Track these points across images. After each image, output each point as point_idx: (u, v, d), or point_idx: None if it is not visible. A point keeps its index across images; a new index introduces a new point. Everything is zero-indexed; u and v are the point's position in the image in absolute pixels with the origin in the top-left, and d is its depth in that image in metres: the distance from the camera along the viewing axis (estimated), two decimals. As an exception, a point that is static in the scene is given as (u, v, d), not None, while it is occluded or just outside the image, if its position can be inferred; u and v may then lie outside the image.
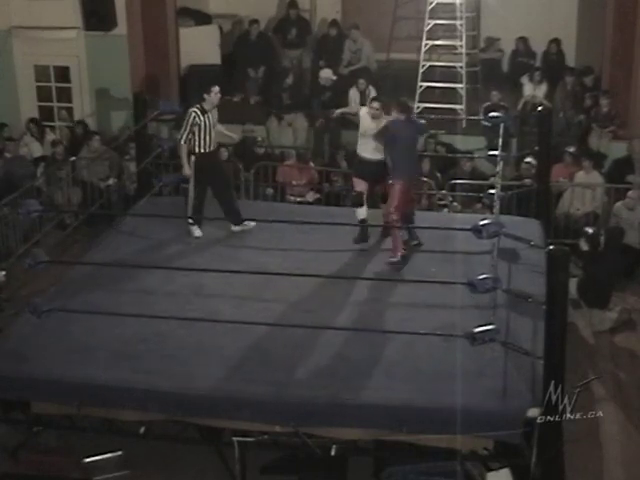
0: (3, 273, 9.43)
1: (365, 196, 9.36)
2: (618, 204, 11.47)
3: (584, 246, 10.32)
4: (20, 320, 7.91)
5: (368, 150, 9.26)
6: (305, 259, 9.10)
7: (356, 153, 9.51)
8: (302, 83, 14.90)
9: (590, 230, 10.37)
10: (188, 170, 9.63)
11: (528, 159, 11.69)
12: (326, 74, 14.17)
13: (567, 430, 6.75)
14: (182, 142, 9.59)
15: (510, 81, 14.81)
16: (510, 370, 7.01)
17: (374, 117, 9.19)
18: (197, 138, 9.55)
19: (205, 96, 9.58)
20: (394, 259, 8.99)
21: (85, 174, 12.89)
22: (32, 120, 14.04)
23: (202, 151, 9.60)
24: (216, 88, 9.63)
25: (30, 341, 7.64)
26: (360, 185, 9.40)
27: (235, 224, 9.79)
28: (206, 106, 9.56)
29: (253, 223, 9.74)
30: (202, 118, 9.51)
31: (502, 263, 8.10)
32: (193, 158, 9.61)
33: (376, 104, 9.31)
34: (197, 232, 9.72)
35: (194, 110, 9.54)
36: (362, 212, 9.38)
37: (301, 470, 7.52)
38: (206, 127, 9.54)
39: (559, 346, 6.54)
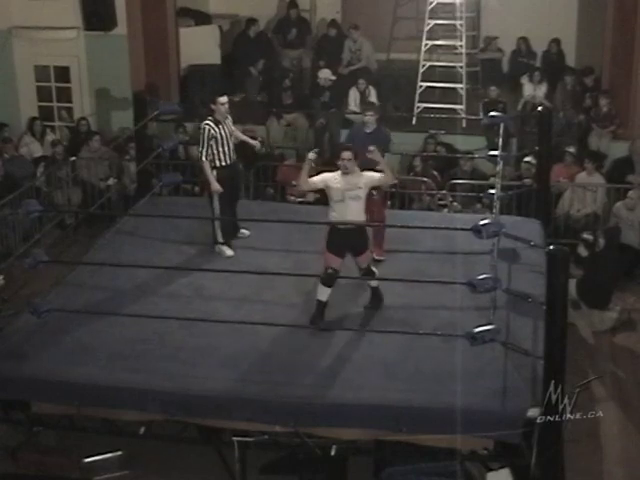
0: (1, 277, 9.44)
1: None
2: (618, 204, 11.47)
3: (583, 252, 10.35)
4: (20, 320, 7.91)
5: (346, 215, 7.69)
6: (305, 259, 9.09)
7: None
8: (302, 83, 14.91)
9: (589, 237, 10.40)
10: (217, 187, 9.15)
11: (528, 158, 11.70)
12: (325, 74, 14.16)
13: (567, 430, 6.75)
14: (204, 159, 9.12)
15: (510, 81, 14.83)
16: (510, 370, 7.01)
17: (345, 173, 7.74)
18: (216, 151, 9.15)
19: (212, 107, 9.16)
20: (382, 257, 8.96)
21: (85, 174, 12.90)
22: (36, 118, 14.05)
23: (222, 164, 9.21)
24: (223, 98, 9.15)
25: (30, 341, 7.63)
26: (334, 261, 7.79)
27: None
28: (218, 117, 9.16)
29: (248, 232, 9.59)
30: (217, 130, 9.10)
31: (502, 263, 8.09)
32: (214, 172, 9.17)
33: (347, 154, 7.70)
34: (228, 252, 9.28)
35: (207, 123, 9.09)
36: (325, 293, 7.82)
37: (301, 470, 7.52)
38: (222, 138, 9.14)
39: (559, 346, 6.53)
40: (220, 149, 9.18)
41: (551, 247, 6.60)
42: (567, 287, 6.62)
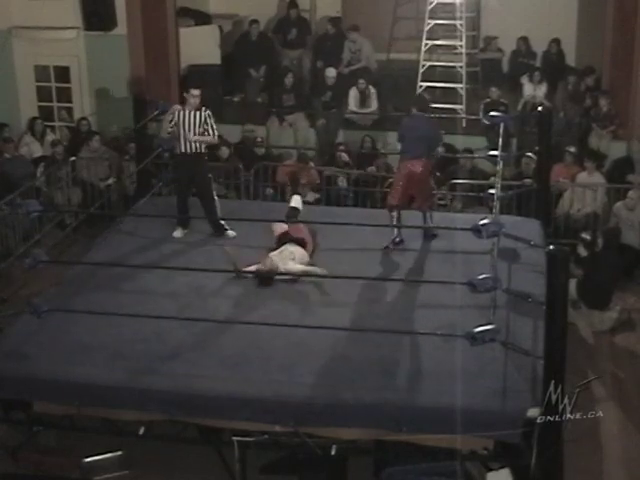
0: None
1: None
2: (618, 204, 11.47)
3: (582, 252, 10.34)
4: (20, 320, 7.90)
5: None
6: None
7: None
8: (302, 83, 14.91)
9: (587, 236, 10.39)
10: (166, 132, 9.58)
11: (528, 154, 11.71)
12: (331, 72, 14.16)
13: (567, 430, 6.75)
14: (168, 130, 9.52)
15: (510, 81, 14.82)
16: (510, 370, 7.01)
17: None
18: (176, 136, 9.42)
19: (185, 95, 9.47)
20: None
21: (85, 174, 12.90)
22: (36, 118, 14.05)
23: (180, 151, 9.50)
24: (195, 91, 9.38)
25: (30, 341, 7.63)
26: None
27: (217, 235, 9.66)
28: (186, 107, 9.40)
29: (234, 233, 9.61)
30: (180, 116, 9.35)
31: (502, 263, 8.09)
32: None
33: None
34: (176, 233, 9.62)
35: (176, 106, 9.48)
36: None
37: (301, 470, 7.51)
38: (182, 126, 9.33)
39: (559, 346, 6.53)
40: (179, 136, 9.38)
41: (551, 247, 6.60)
42: (567, 287, 6.61)
